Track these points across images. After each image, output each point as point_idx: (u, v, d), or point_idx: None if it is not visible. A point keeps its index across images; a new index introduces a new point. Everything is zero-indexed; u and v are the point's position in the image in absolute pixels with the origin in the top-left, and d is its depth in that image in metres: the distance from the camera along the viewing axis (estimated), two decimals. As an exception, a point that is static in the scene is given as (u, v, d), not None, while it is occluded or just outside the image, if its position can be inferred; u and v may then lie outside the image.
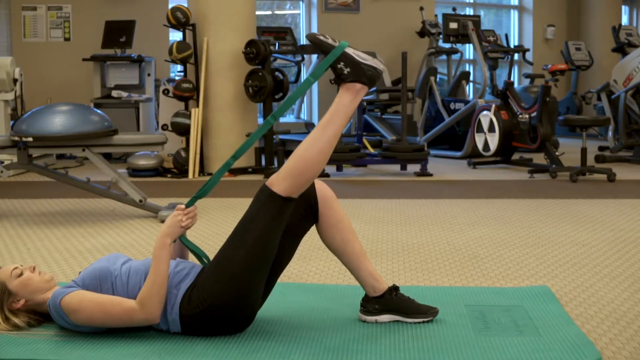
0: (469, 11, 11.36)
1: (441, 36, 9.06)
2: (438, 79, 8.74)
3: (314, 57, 9.23)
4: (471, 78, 9.60)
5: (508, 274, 3.13)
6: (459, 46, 9.29)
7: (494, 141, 7.08)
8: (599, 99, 8.90)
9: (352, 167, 7.16)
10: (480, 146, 7.25)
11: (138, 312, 2.19)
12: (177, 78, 7.35)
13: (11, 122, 6.67)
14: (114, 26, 8.24)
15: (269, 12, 10.55)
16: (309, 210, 2.35)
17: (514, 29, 11.84)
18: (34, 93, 8.11)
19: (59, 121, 4.20)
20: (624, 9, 12.55)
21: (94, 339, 2.23)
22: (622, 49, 9.63)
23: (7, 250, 3.69)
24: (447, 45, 9.17)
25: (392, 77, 9.26)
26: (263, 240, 2.20)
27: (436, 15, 9.99)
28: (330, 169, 6.82)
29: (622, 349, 2.21)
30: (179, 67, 7.51)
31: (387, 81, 9.09)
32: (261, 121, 7.49)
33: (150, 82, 8.28)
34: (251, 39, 6.77)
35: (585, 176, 6.39)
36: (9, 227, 4.31)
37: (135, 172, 6.68)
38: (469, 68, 10.98)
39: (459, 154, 8.04)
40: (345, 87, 2.26)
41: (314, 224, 2.39)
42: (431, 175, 6.64)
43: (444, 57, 9.42)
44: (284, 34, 8.43)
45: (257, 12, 8.15)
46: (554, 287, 2.89)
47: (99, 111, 4.50)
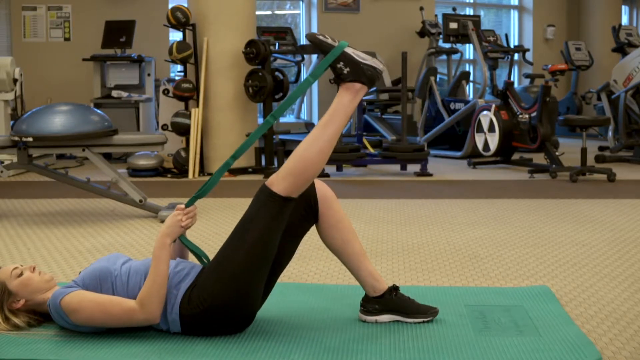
0: (469, 11, 11.36)
1: (441, 36, 9.06)
2: (438, 79, 8.74)
3: (314, 57, 9.23)
4: (471, 78, 9.60)
5: (508, 274, 3.13)
6: (459, 46, 9.29)
7: (494, 141, 7.08)
8: (599, 99, 8.90)
9: (352, 167, 7.16)
10: (480, 146, 7.25)
11: (138, 312, 2.19)
12: (177, 78, 7.35)
13: (11, 122, 6.67)
14: (114, 26, 8.24)
15: (269, 12, 10.55)
16: (309, 210, 2.35)
17: (514, 29, 11.84)
18: (34, 93, 8.11)
19: (59, 121, 4.20)
20: (624, 9, 12.55)
21: (94, 339, 2.23)
22: (622, 49, 9.63)
23: (7, 250, 3.69)
24: (447, 45, 9.17)
25: (392, 77, 9.26)
26: (263, 240, 2.20)
27: (436, 15, 9.99)
28: (330, 169, 6.82)
29: (622, 349, 2.21)
30: (179, 67, 7.51)
31: (387, 81, 9.09)
32: (261, 121, 7.48)
33: (150, 82, 8.28)
34: (251, 39, 6.77)
35: (585, 176, 6.39)
36: (9, 227, 4.31)
37: (135, 172, 6.68)
38: (469, 68, 10.98)
39: (459, 154, 8.03)
40: (345, 86, 2.26)
41: (314, 224, 2.39)
42: (431, 175, 6.64)
43: (444, 57, 9.42)
44: (284, 34, 8.43)
45: (257, 12, 8.15)
46: (554, 287, 2.89)
47: (99, 111, 4.50)
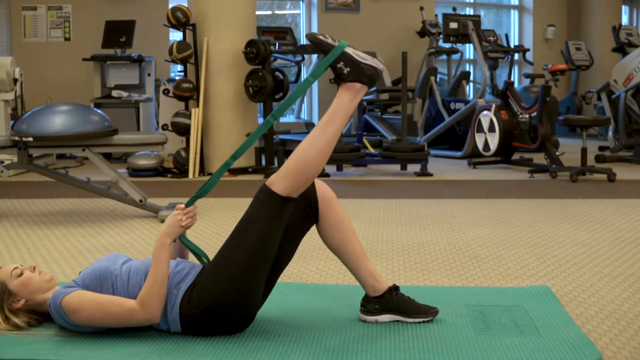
0: (469, 11, 11.36)
1: (441, 36, 9.06)
2: (438, 79, 8.74)
3: (314, 57, 9.23)
4: (471, 78, 9.60)
5: (508, 274, 3.12)
6: (459, 46, 9.29)
7: (494, 141, 7.07)
8: (599, 98, 8.90)
9: (352, 167, 7.16)
10: (480, 146, 7.25)
11: (138, 312, 2.19)
12: (177, 78, 7.35)
13: (11, 122, 6.67)
14: (114, 26, 8.24)
15: (269, 12, 10.55)
16: (309, 210, 2.35)
17: (514, 29, 11.84)
18: (34, 93, 8.11)
19: (59, 121, 4.20)
20: (624, 9, 12.55)
21: (94, 339, 2.23)
22: (622, 49, 9.63)
23: (7, 250, 3.69)
24: (447, 45, 9.17)
25: (392, 77, 9.26)
26: (263, 240, 2.20)
27: (436, 15, 9.99)
28: (330, 168, 6.82)
29: (622, 349, 2.21)
30: (179, 67, 7.51)
31: (387, 81, 9.09)
32: (261, 121, 7.49)
33: (151, 82, 8.28)
34: (251, 38, 6.77)
35: (586, 176, 6.39)
36: (9, 227, 4.31)
37: (135, 172, 6.68)
38: (469, 68, 10.98)
39: (459, 154, 8.03)
40: (345, 86, 2.26)
41: (314, 224, 2.39)
42: (431, 175, 6.64)
43: (444, 57, 9.42)
44: (284, 34, 8.43)
45: (257, 12, 8.14)
46: (554, 287, 2.89)
47: (99, 111, 4.50)
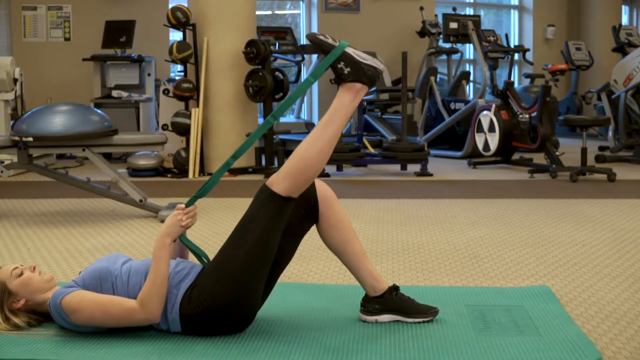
0: (469, 11, 11.36)
1: (441, 36, 9.06)
2: (438, 79, 8.74)
3: (314, 57, 9.23)
4: (471, 78, 9.60)
5: (508, 274, 3.12)
6: (459, 46, 9.29)
7: (494, 141, 7.08)
8: (599, 98, 8.90)
9: (352, 167, 7.16)
10: (480, 146, 7.25)
11: (138, 312, 2.19)
12: (177, 78, 7.35)
13: (11, 122, 6.67)
14: (114, 26, 8.24)
15: (269, 12, 10.55)
16: (309, 210, 2.35)
17: (514, 29, 11.84)
18: (34, 93, 8.11)
19: (59, 121, 4.20)
20: (624, 9, 12.55)
21: (94, 339, 2.23)
22: (622, 49, 9.63)
23: (7, 250, 3.69)
24: (447, 45, 9.17)
25: (392, 77, 9.26)
26: (263, 240, 2.20)
27: (436, 15, 9.99)
28: (330, 168, 6.82)
29: (622, 349, 2.21)
30: (179, 67, 7.51)
31: (387, 81, 9.09)
32: (261, 121, 7.49)
33: (151, 82, 8.28)
34: (251, 39, 6.77)
35: (586, 176, 6.39)
36: (9, 227, 4.31)
37: (135, 172, 6.68)
38: (469, 68, 10.98)
39: (459, 154, 8.03)
40: (346, 86, 2.26)
41: (314, 223, 2.39)
42: (431, 175, 6.64)
43: (444, 57, 9.42)
44: (284, 34, 8.43)
45: (257, 12, 8.15)
46: (554, 287, 2.89)
47: (99, 111, 4.50)
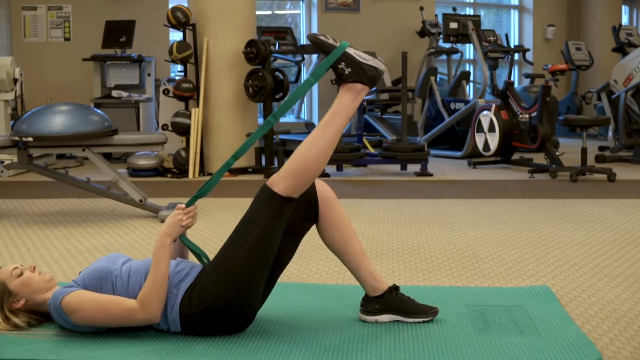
0: (469, 11, 11.36)
1: (441, 36, 9.06)
2: (438, 79, 8.74)
3: (314, 57, 9.23)
4: (471, 78, 9.60)
5: (508, 274, 3.13)
6: (459, 46, 9.29)
7: (494, 141, 7.08)
8: (599, 98, 8.90)
9: (352, 167, 7.15)
10: (480, 146, 7.25)
11: (138, 311, 2.19)
12: (177, 78, 7.35)
13: (11, 122, 6.67)
14: (114, 26, 8.24)
15: (269, 12, 10.55)
16: (309, 210, 2.35)
17: (514, 29, 11.84)
18: (34, 93, 8.11)
19: (59, 121, 4.20)
20: (624, 9, 12.55)
21: (94, 339, 2.23)
22: (622, 49, 9.63)
23: (7, 250, 3.69)
24: (447, 45, 9.17)
25: (392, 77, 9.26)
26: (263, 240, 2.20)
27: (436, 15, 9.99)
28: (330, 168, 6.82)
29: (622, 349, 2.21)
30: (179, 67, 7.51)
31: (387, 81, 9.09)
32: (261, 121, 7.49)
33: (151, 82, 8.28)
34: (251, 39, 6.77)
35: (585, 176, 6.39)
36: (9, 227, 4.31)
37: (135, 172, 6.68)
38: (469, 68, 10.98)
39: (459, 154, 8.03)
40: (346, 87, 2.26)
41: (314, 223, 2.39)
42: (431, 175, 6.64)
43: (444, 57, 9.42)
44: (284, 34, 8.43)
45: (257, 12, 8.15)
46: (554, 287, 2.89)
47: (99, 111, 4.50)
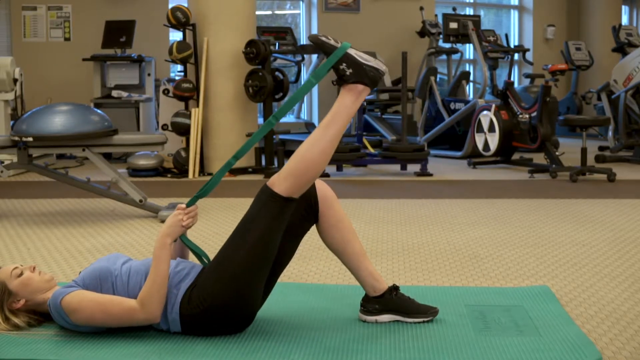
0: (469, 11, 11.36)
1: (441, 36, 9.06)
2: (438, 79, 8.74)
3: (314, 57, 9.23)
4: (471, 78, 9.60)
5: (508, 274, 3.13)
6: (459, 46, 9.29)
7: (494, 141, 7.08)
8: (599, 99, 8.90)
9: (352, 167, 7.16)
10: (480, 146, 7.25)
11: (138, 311, 2.19)
12: (177, 78, 7.35)
13: (11, 122, 6.67)
14: (114, 26, 8.24)
15: (269, 12, 10.55)
16: (310, 210, 2.35)
17: (514, 29, 11.84)
18: (34, 93, 8.11)
19: (59, 121, 4.20)
20: (624, 9, 12.55)
21: (94, 339, 2.23)
22: (622, 49, 9.63)
23: (7, 250, 3.69)
24: (447, 45, 9.17)
25: (392, 77, 9.25)
26: (264, 240, 2.20)
27: (436, 15, 9.99)
28: (330, 169, 6.82)
29: (622, 349, 2.22)
30: (179, 67, 7.51)
31: (387, 81, 9.09)
32: (261, 121, 7.49)
33: (150, 82, 8.28)
34: (251, 39, 6.77)
35: (585, 176, 6.39)
36: (9, 227, 4.31)
37: (135, 172, 6.68)
38: (469, 68, 10.98)
39: (459, 154, 8.03)
40: (347, 88, 2.26)
41: (314, 223, 2.39)
42: (431, 175, 6.64)
43: (444, 57, 9.42)
44: (284, 34, 8.43)
45: (257, 12, 8.15)
46: (554, 287, 2.89)
47: (99, 111, 4.50)
